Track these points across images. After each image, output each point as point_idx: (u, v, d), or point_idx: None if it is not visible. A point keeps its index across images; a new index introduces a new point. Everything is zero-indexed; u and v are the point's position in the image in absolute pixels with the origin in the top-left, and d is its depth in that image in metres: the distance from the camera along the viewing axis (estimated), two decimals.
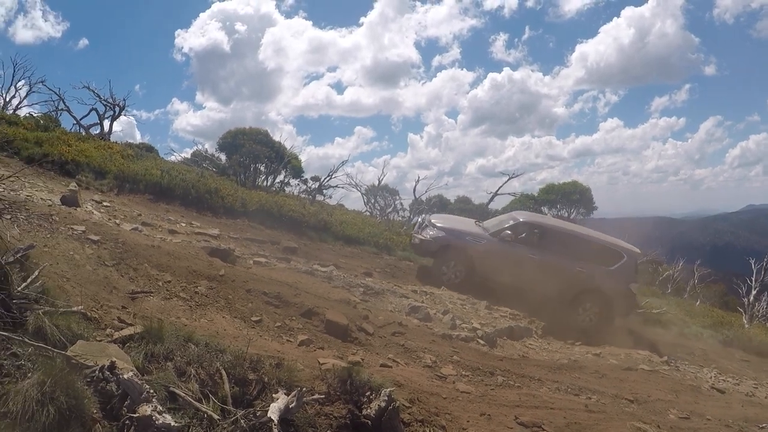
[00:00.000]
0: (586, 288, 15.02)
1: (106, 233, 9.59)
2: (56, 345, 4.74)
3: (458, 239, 15.34)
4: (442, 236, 15.38)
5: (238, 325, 7.88)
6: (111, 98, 33.43)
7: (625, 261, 15.26)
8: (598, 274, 14.99)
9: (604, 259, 15.24)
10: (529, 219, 16.22)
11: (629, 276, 15.32)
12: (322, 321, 8.83)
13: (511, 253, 14.90)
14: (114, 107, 34.03)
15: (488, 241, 15.22)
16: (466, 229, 15.94)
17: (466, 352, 9.80)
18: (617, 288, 14.97)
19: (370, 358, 7.93)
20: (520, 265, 14.72)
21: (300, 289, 9.89)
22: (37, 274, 5.66)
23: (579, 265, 14.96)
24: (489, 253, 14.98)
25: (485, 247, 15.09)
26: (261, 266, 11.57)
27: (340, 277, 12.26)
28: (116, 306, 6.77)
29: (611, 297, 14.99)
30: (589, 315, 14.96)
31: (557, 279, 14.80)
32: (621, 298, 15.07)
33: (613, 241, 16.26)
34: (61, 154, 16.52)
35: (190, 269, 9.16)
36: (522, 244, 15.11)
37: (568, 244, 15.27)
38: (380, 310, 10.69)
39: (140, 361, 5.14)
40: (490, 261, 14.93)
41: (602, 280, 14.98)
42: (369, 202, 33.64)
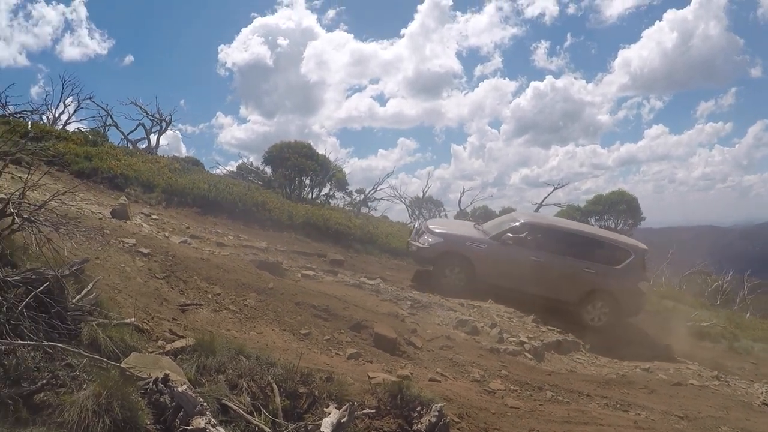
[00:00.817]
0: (593, 289, 14.64)
1: (156, 246, 9.72)
2: (110, 356, 4.80)
3: (457, 245, 14.83)
4: (441, 242, 14.84)
5: (287, 338, 7.90)
6: (158, 113, 34.05)
7: (633, 259, 14.84)
8: (605, 274, 14.64)
9: (610, 257, 14.87)
10: (530, 220, 15.71)
11: (638, 274, 14.95)
12: (370, 334, 8.80)
13: (513, 256, 14.51)
14: (160, 122, 34.67)
15: (489, 245, 14.74)
16: (465, 233, 15.46)
17: (514, 366, 9.69)
18: (626, 287, 14.62)
19: (419, 372, 7.88)
20: (524, 268, 14.35)
21: (348, 303, 9.89)
22: (91, 286, 5.74)
23: (585, 265, 14.59)
24: (490, 257, 14.53)
25: (486, 251, 14.60)
26: (309, 279, 11.60)
27: (388, 290, 12.23)
28: (167, 318, 6.84)
29: (620, 297, 14.66)
30: (598, 315, 14.65)
31: (563, 281, 14.52)
32: (630, 297, 14.74)
33: (619, 239, 15.96)
34: (110, 169, 16.81)
35: (240, 282, 9.21)
36: (524, 246, 14.67)
37: (573, 244, 14.89)
38: (428, 324, 10.63)
39: (192, 374, 5.17)
40: (492, 265, 14.48)
41: (609, 279, 14.62)
42: (413, 213, 33.63)
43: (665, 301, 20.06)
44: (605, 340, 13.55)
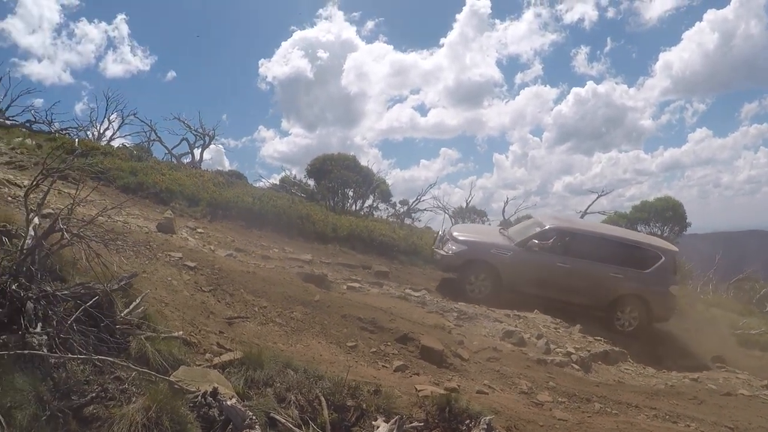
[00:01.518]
0: (622, 294, 14.39)
1: (202, 259, 9.80)
2: (158, 370, 4.83)
3: (482, 252, 14.67)
4: (465, 250, 14.68)
5: (334, 350, 7.89)
6: (201, 128, 34.48)
7: (663, 261, 14.53)
8: (634, 278, 14.36)
9: (640, 261, 14.56)
10: (556, 224, 15.30)
11: (668, 277, 14.63)
12: (417, 346, 8.75)
13: (540, 262, 14.28)
14: (204, 137, 35.08)
15: (514, 251, 14.50)
16: (490, 240, 15.28)
17: (561, 377, 9.55)
18: (656, 291, 14.36)
19: (466, 385, 7.80)
20: (551, 274, 14.21)
21: (394, 315, 9.85)
22: (139, 300, 5.80)
23: (613, 270, 14.31)
24: (516, 264, 14.30)
25: (512, 258, 14.37)
26: (355, 291, 11.60)
27: (434, 301, 12.17)
28: (214, 331, 6.88)
29: (650, 301, 14.37)
30: (628, 320, 14.38)
31: (591, 286, 14.30)
32: (661, 301, 14.45)
33: (649, 241, 15.62)
34: (155, 183, 17.03)
35: (286, 295, 9.24)
36: (551, 252, 14.44)
37: (600, 248, 14.58)
38: (474, 335, 10.54)
39: (241, 387, 5.19)
40: (518, 272, 14.27)
41: (639, 284, 14.35)
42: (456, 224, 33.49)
43: (713, 309, 19.66)
44: (652, 349, 13.33)
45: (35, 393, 4.14)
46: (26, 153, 18.35)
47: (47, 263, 5.49)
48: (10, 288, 4.75)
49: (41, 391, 4.18)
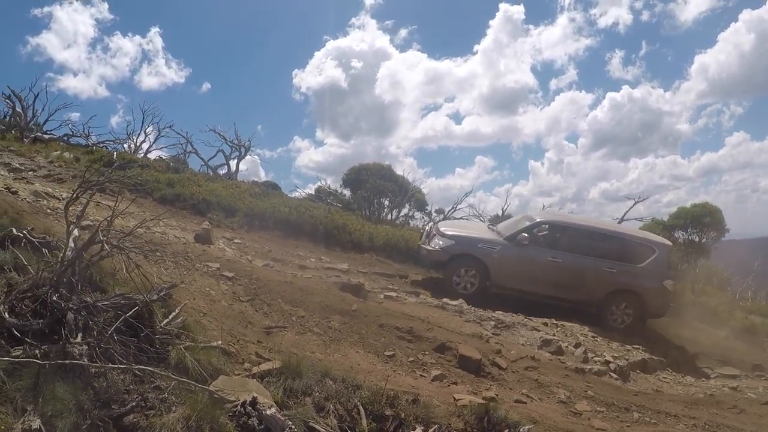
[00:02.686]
0: (615, 289, 14.10)
1: (240, 269, 9.89)
2: (197, 379, 4.87)
3: (470, 247, 14.31)
4: (452, 245, 14.31)
5: (372, 359, 7.89)
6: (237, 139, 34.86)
7: (657, 256, 14.28)
8: (627, 273, 14.10)
9: (633, 255, 14.30)
10: (547, 218, 15.13)
11: (663, 271, 14.33)
12: (455, 356, 8.71)
13: (529, 257, 14.05)
14: (239, 148, 35.46)
15: (503, 246, 14.18)
16: (478, 235, 14.86)
17: (599, 386, 9.45)
18: (650, 286, 14.07)
19: (504, 394, 7.75)
20: (541, 269, 13.99)
21: (432, 324, 9.83)
22: (178, 311, 5.86)
23: (606, 264, 14.07)
24: (505, 259, 14.03)
25: (500, 253, 14.06)
26: (392, 300, 11.59)
27: (471, 310, 12.11)
28: (252, 341, 6.92)
29: (644, 296, 14.13)
30: (622, 316, 14.12)
31: (584, 282, 14.05)
32: (655, 296, 14.19)
33: (642, 235, 15.37)
34: (192, 194, 17.25)
35: (323, 304, 9.27)
36: (541, 247, 14.28)
37: (592, 242, 14.40)
38: (512, 344, 10.47)
39: (279, 396, 5.21)
40: (507, 268, 14.02)
41: (633, 278, 14.08)
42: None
43: (752, 317, 19.33)
44: (690, 357, 13.14)
45: (76, 402, 4.20)
46: (64, 166, 18.71)
47: (87, 274, 5.57)
48: (51, 299, 4.83)
49: (82, 400, 4.24)
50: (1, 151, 19.30)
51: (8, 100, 33.64)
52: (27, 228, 6.81)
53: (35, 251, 6.30)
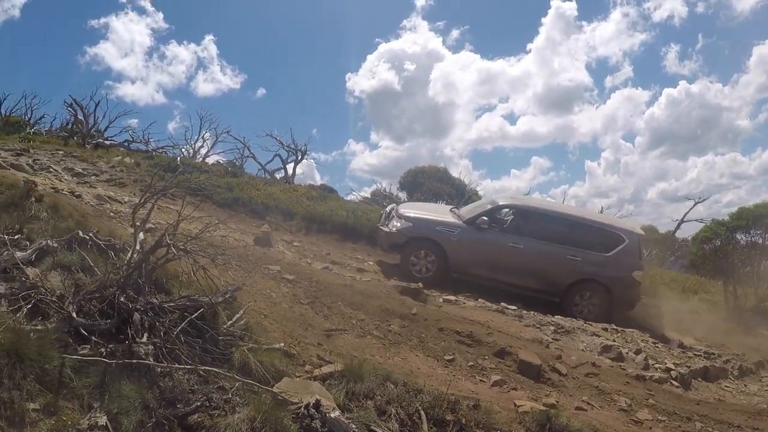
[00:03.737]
0: (579, 278, 13.51)
1: (300, 272, 9.97)
2: (260, 380, 4.94)
3: (428, 229, 13.67)
4: (410, 227, 13.72)
5: (431, 363, 7.88)
6: (293, 144, 35.23)
7: (627, 245, 13.63)
8: (593, 262, 13.49)
9: (600, 243, 13.67)
10: (509, 202, 14.65)
11: (632, 262, 13.70)
12: (514, 361, 8.63)
13: (489, 241, 13.52)
14: (296, 152, 35.81)
15: (462, 230, 13.59)
16: (437, 218, 14.12)
17: (660, 394, 9.26)
18: (617, 276, 13.46)
19: (564, 401, 7.66)
20: (501, 255, 13.42)
21: (492, 328, 9.76)
22: (241, 313, 5.95)
23: (570, 252, 13.47)
24: (463, 243, 13.44)
25: (459, 236, 13.48)
26: (451, 304, 11.54)
27: (530, 315, 11.99)
28: (312, 343, 6.97)
29: (611, 287, 13.48)
30: (587, 307, 13.44)
31: (546, 269, 13.49)
32: (623, 288, 13.53)
33: (611, 223, 14.71)
34: (251, 198, 17.46)
35: (383, 308, 9.29)
36: (502, 231, 13.81)
37: (557, 228, 13.75)
38: (572, 350, 10.33)
39: (341, 399, 5.25)
40: (465, 252, 13.44)
41: (599, 268, 13.47)
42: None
43: None
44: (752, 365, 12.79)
45: (141, 400, 4.31)
46: (125, 171, 19.11)
47: (152, 276, 5.69)
48: (118, 300, 4.95)
49: (147, 399, 4.34)
50: (65, 157, 19.77)
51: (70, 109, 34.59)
52: (93, 231, 6.98)
53: (101, 253, 6.46)
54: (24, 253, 6.14)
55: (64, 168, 17.81)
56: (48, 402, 4.11)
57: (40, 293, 5.12)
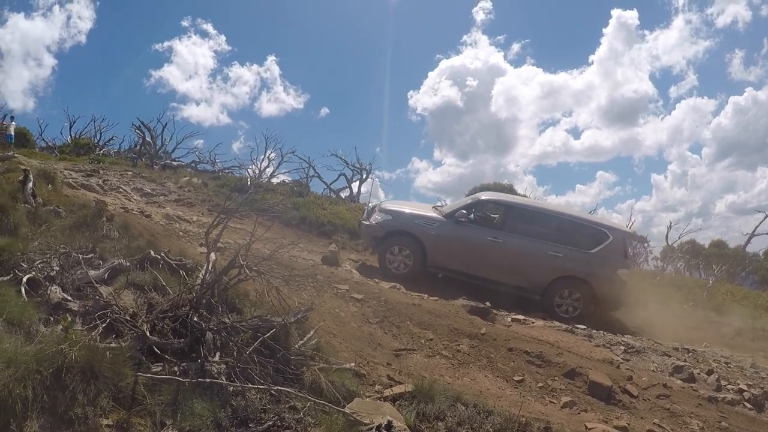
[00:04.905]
0: (560, 275, 13.13)
1: (368, 291, 10.00)
2: (331, 400, 4.97)
3: (406, 223, 13.56)
4: (388, 220, 13.65)
5: (501, 384, 7.80)
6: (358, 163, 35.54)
7: (611, 242, 13.20)
8: (576, 259, 13.10)
9: (583, 240, 13.31)
10: (491, 197, 14.54)
11: (616, 260, 13.26)
12: (584, 382, 8.48)
13: (468, 236, 13.23)
14: (361, 171, 36.09)
15: (441, 224, 13.40)
16: (416, 212, 14.03)
17: (733, 417, 8.99)
18: (601, 274, 13.03)
19: (636, 423, 7.51)
20: (480, 250, 13.13)
21: (562, 348, 9.63)
22: (312, 333, 5.99)
23: (551, 248, 13.10)
24: (442, 238, 13.24)
25: (438, 230, 13.29)
26: (520, 324, 11.43)
27: (600, 334, 11.80)
28: (381, 363, 6.98)
29: (594, 285, 13.04)
30: (569, 306, 13.08)
31: (526, 266, 13.10)
32: (607, 286, 13.05)
33: (594, 220, 14.38)
34: (318, 217, 17.66)
35: (452, 327, 9.24)
36: (482, 226, 13.51)
37: (539, 225, 13.52)
38: (643, 370, 10.11)
39: (412, 420, 5.25)
40: (444, 247, 13.24)
41: (581, 265, 13.08)
42: None
43: None
44: None
45: (214, 419, 4.37)
46: (193, 191, 19.49)
47: (225, 296, 5.77)
48: (191, 319, 5.03)
49: (220, 418, 4.40)
50: (134, 178, 20.28)
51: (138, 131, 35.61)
52: (164, 250, 7.12)
53: (172, 272, 6.60)
54: (97, 271, 6.32)
55: (133, 188, 18.25)
56: (121, 418, 4.20)
57: (114, 312, 5.24)
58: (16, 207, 7.93)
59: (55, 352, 4.16)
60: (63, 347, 4.20)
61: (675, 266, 32.57)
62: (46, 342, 4.34)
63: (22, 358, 4.03)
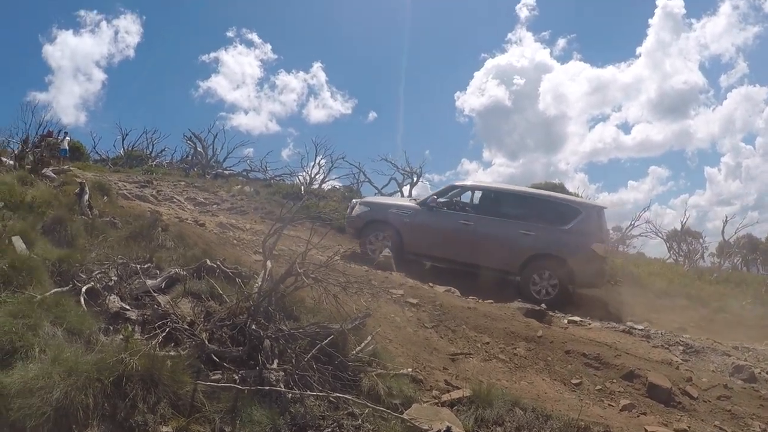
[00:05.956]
0: (534, 254, 13.06)
1: (423, 296, 9.99)
2: (389, 407, 4.97)
3: (383, 213, 14.24)
4: (366, 211, 14.43)
5: (558, 387, 7.73)
6: (408, 166, 35.56)
7: (583, 216, 13.17)
8: (548, 237, 13.07)
9: (555, 217, 13.31)
10: (463, 183, 14.82)
11: (591, 234, 13.11)
12: (643, 384, 8.35)
13: (440, 221, 13.63)
14: (411, 174, 36.11)
15: (415, 211, 13.90)
16: (393, 202, 15.11)
17: None
18: (575, 250, 12.85)
19: (696, 426, 7.37)
20: (452, 233, 13.40)
21: (619, 350, 9.50)
22: (369, 339, 6.02)
23: (522, 227, 13.12)
24: (417, 224, 13.70)
25: (412, 218, 13.78)
26: (576, 325, 11.31)
27: (658, 334, 11.61)
28: (438, 367, 6.97)
29: (570, 262, 12.86)
30: (546, 286, 12.93)
31: (498, 247, 13.15)
32: (583, 262, 12.85)
33: (565, 197, 14.63)
34: None
35: (508, 330, 9.19)
36: (454, 211, 13.82)
37: (510, 206, 13.72)
38: (702, 371, 9.92)
39: (471, 425, 5.24)
40: (419, 233, 13.65)
41: (554, 242, 13.02)
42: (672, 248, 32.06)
43: None
44: None
45: (273, 426, 4.42)
46: (245, 199, 19.75)
47: (281, 303, 5.82)
48: (249, 327, 5.08)
49: (279, 425, 4.44)
50: (187, 188, 20.61)
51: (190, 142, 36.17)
52: (220, 259, 7.21)
53: (228, 281, 6.67)
54: (155, 281, 6.42)
55: (186, 198, 18.53)
56: (180, 426, 4.26)
57: (172, 321, 5.31)
58: (74, 219, 8.10)
59: (116, 361, 4.24)
60: (123, 356, 4.27)
61: (732, 262, 31.94)
62: (106, 351, 4.43)
63: (83, 367, 4.11)
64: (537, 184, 27.91)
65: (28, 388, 3.87)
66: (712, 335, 12.28)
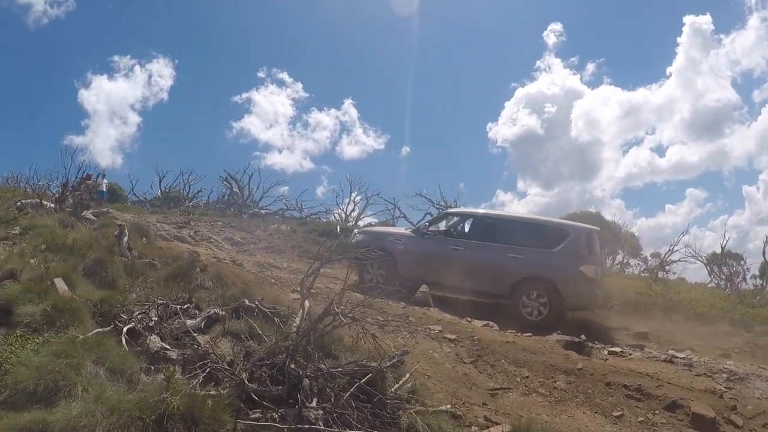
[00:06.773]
0: (524, 277, 13.17)
1: (461, 331, 9.98)
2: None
3: (379, 240, 14.74)
4: (365, 239, 15.18)
5: (600, 420, 7.67)
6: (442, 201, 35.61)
7: (572, 238, 13.25)
8: (537, 260, 13.18)
9: (544, 240, 13.45)
10: (454, 210, 15.48)
11: (579, 256, 13.15)
12: (686, 414, 8.24)
13: (432, 247, 14.11)
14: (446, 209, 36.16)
15: (408, 238, 14.54)
16: (389, 230, 15.78)
17: None
18: (565, 273, 12.92)
19: None
20: (444, 259, 13.70)
21: (661, 380, 9.38)
22: (408, 376, 6.04)
23: (511, 251, 13.31)
24: (410, 250, 14.18)
25: (406, 244, 14.35)
26: (616, 356, 11.21)
27: (701, 363, 11.45)
28: (477, 403, 6.95)
29: (559, 285, 12.93)
30: (536, 308, 12.99)
31: (487, 270, 13.32)
32: (573, 284, 12.94)
33: (554, 220, 14.52)
34: None
35: (547, 363, 9.13)
36: (445, 237, 14.33)
37: (499, 231, 13.93)
38: (747, 398, 9.75)
39: None
40: (412, 259, 14.02)
41: (543, 265, 13.11)
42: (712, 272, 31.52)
43: None
44: None
45: None
46: (282, 238, 19.93)
47: (320, 342, 5.87)
48: (288, 366, 5.13)
49: None
50: (224, 227, 20.86)
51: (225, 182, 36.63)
52: (258, 299, 7.29)
53: (267, 320, 6.75)
54: (194, 321, 6.52)
55: (223, 238, 18.76)
56: None
57: (212, 360, 5.38)
58: (114, 260, 8.26)
59: (158, 401, 4.31)
60: (165, 395, 4.33)
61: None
62: (147, 390, 4.51)
63: (125, 406, 4.20)
64: (573, 215, 27.86)
65: (72, 426, 3.95)
66: (756, 361, 12.06)
